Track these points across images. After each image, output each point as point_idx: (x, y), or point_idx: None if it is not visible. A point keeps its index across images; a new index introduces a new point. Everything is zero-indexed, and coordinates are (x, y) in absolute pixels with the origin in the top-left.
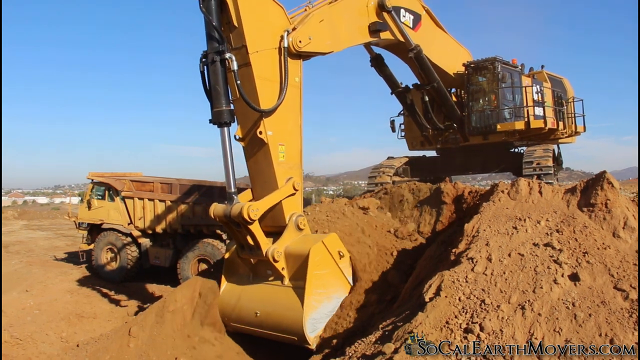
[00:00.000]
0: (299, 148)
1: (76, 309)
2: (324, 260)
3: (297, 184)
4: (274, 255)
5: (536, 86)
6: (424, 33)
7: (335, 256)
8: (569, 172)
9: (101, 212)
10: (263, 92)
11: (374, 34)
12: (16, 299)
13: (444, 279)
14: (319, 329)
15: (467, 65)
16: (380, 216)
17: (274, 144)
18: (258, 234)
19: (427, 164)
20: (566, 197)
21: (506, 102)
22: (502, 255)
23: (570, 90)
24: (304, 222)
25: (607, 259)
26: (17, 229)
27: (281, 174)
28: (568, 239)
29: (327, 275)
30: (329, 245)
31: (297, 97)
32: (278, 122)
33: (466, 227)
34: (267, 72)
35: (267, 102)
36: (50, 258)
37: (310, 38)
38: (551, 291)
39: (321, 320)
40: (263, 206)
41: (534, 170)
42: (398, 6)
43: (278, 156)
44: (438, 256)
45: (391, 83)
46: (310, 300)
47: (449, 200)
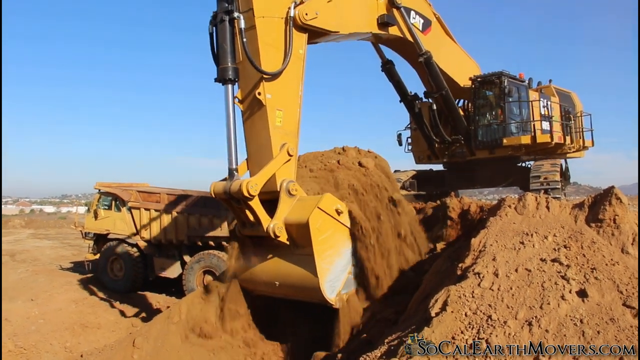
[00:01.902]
0: (297, 117)
1: (81, 319)
2: (325, 224)
3: (292, 149)
4: (275, 231)
5: (543, 100)
6: (434, 38)
7: (334, 215)
8: (577, 186)
9: (107, 222)
10: (265, 57)
11: (382, 26)
12: (21, 308)
13: (450, 294)
14: (337, 287)
15: (474, 79)
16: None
17: (271, 107)
18: (258, 209)
19: (434, 177)
20: (574, 213)
21: (512, 117)
22: (509, 270)
23: (578, 104)
24: (295, 187)
25: (616, 275)
26: (24, 237)
27: (277, 138)
28: (576, 255)
29: (331, 235)
30: (325, 208)
31: (300, 68)
32: (278, 88)
33: (473, 242)
34: (271, 38)
35: (269, 67)
36: (56, 267)
37: (317, 13)
38: (559, 307)
39: (338, 278)
40: (261, 180)
41: (541, 185)
42: (409, 7)
43: (275, 120)
44: (444, 271)
45: (400, 90)
46: (322, 266)
47: (454, 215)
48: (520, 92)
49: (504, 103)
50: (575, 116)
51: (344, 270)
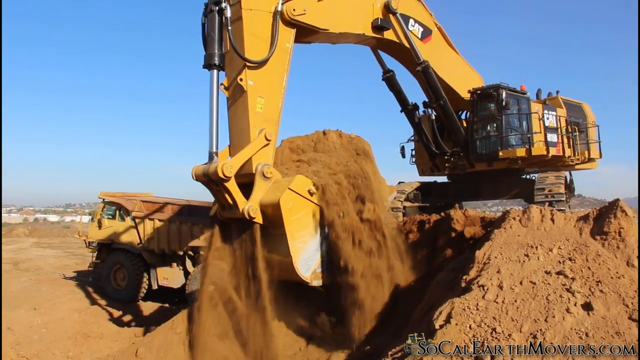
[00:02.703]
0: (278, 105)
1: (83, 329)
2: (297, 204)
3: (270, 135)
4: (250, 212)
5: (548, 112)
6: (433, 48)
7: (306, 196)
8: (581, 199)
9: (111, 231)
10: (249, 47)
11: (377, 30)
12: (24, 317)
13: (455, 306)
14: (312, 265)
15: (473, 92)
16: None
17: (252, 93)
18: (234, 191)
19: (438, 189)
20: (579, 225)
21: (510, 129)
22: (514, 283)
23: (590, 115)
24: (269, 170)
25: (621, 288)
26: (28, 246)
27: (255, 123)
28: (581, 268)
29: (304, 216)
30: (297, 189)
31: (285, 61)
32: (261, 76)
33: (477, 254)
34: (257, 30)
35: (253, 56)
36: (59, 276)
37: (305, 10)
38: (564, 320)
39: (313, 257)
40: (237, 162)
41: (545, 197)
42: (407, 15)
43: (255, 106)
44: (448, 283)
45: (401, 100)
46: (295, 245)
47: (459, 227)
48: (521, 105)
49: (501, 115)
50: (585, 127)
51: (318, 250)
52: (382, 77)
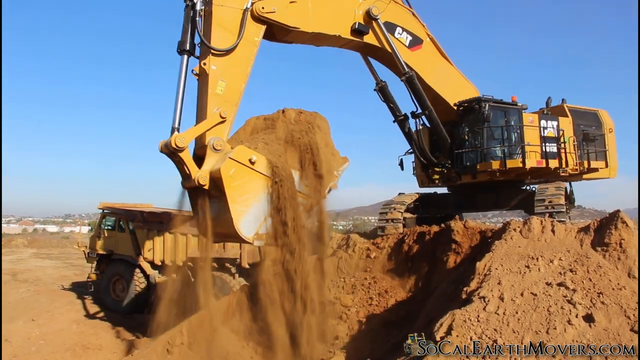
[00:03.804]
0: (239, 90)
1: (82, 340)
2: (239, 172)
3: (224, 113)
4: (199, 180)
5: (546, 122)
6: (423, 57)
7: (247, 164)
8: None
9: (111, 242)
10: (216, 37)
11: (355, 33)
12: (22, 329)
13: (455, 318)
14: (255, 227)
15: (458, 105)
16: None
17: (214, 77)
18: (188, 161)
19: (438, 200)
20: (579, 236)
21: (493, 141)
22: (515, 294)
23: (607, 122)
24: (219, 143)
25: (623, 300)
26: (26, 257)
27: (213, 103)
28: (582, 279)
29: (246, 182)
30: (237, 158)
31: (251, 52)
32: (225, 63)
33: (478, 266)
34: (226, 23)
35: (219, 46)
36: (58, 287)
37: (274, 9)
38: (565, 332)
39: (256, 220)
40: (189, 135)
41: (546, 209)
42: (394, 23)
43: (216, 88)
44: (449, 294)
45: (393, 111)
46: (236, 208)
47: (459, 238)
48: (510, 116)
49: (481, 128)
50: (598, 135)
51: (263, 213)
52: (375, 87)
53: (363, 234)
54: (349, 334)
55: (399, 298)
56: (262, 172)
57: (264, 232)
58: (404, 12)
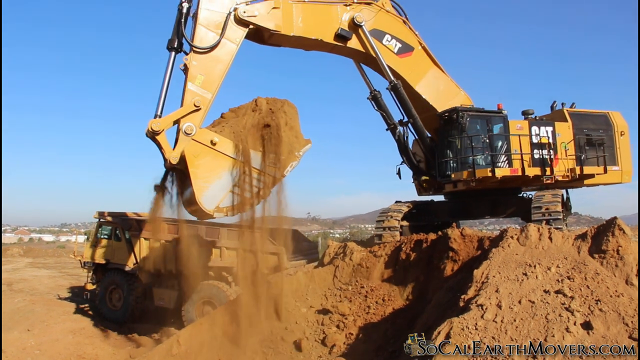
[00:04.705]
0: (216, 83)
1: (78, 350)
2: (202, 152)
3: (198, 102)
4: (171, 160)
5: (539, 128)
6: (412, 64)
7: (209, 145)
8: (577, 216)
9: (107, 251)
10: (198, 37)
11: (338, 38)
12: (17, 339)
13: (453, 326)
14: (216, 201)
15: (439, 116)
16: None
17: (194, 71)
18: (163, 143)
19: (435, 208)
20: (577, 243)
21: (468, 151)
22: (513, 302)
23: (619, 124)
24: (190, 128)
25: (621, 307)
26: (22, 266)
27: (190, 94)
28: (580, 286)
29: (208, 161)
30: (199, 139)
31: (230, 52)
32: (206, 61)
33: (475, 273)
34: (210, 24)
35: (200, 44)
36: (54, 297)
37: (256, 13)
38: (563, 340)
39: (217, 195)
40: (164, 121)
41: (542, 216)
42: (383, 30)
43: (195, 80)
44: (446, 302)
45: (386, 119)
46: (198, 184)
47: (456, 246)
48: (493, 124)
49: (454, 138)
50: (607, 139)
51: (224, 189)
52: (368, 96)
53: (360, 242)
54: (346, 343)
55: (396, 306)
56: (223, 152)
57: (224, 206)
58: (394, 20)
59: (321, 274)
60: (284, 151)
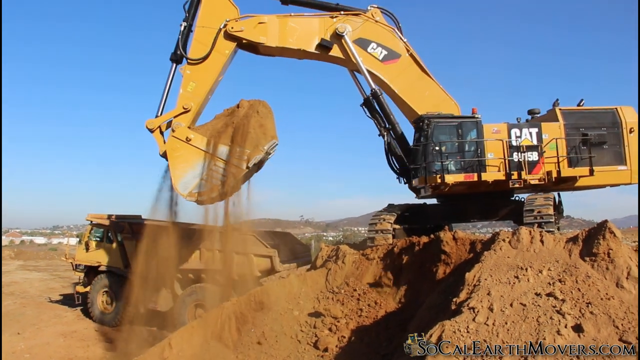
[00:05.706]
0: (205, 90)
1: (69, 353)
2: (179, 147)
3: (187, 105)
4: (161, 152)
5: (522, 130)
6: (398, 70)
7: (184, 140)
8: (569, 220)
9: (99, 254)
10: (193, 50)
11: (320, 48)
12: (7, 342)
13: (445, 329)
14: (189, 188)
15: (412, 123)
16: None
17: (187, 78)
18: (157, 139)
19: (427, 211)
20: (568, 247)
21: (436, 157)
22: (504, 305)
23: (628, 120)
24: (176, 127)
25: (611, 309)
26: (13, 269)
27: (183, 98)
28: (571, 289)
29: (184, 154)
30: (178, 136)
31: (219, 63)
32: (197, 69)
33: (467, 276)
34: (204, 39)
35: (194, 56)
36: (45, 300)
37: (242, 28)
38: (554, 342)
39: (190, 182)
40: (158, 120)
41: (534, 219)
42: (367, 39)
43: (187, 86)
44: (438, 305)
45: (377, 126)
46: (175, 173)
47: (448, 249)
48: (462, 130)
49: (419, 145)
50: (614, 136)
51: (196, 177)
52: (361, 103)
53: (353, 245)
54: (338, 346)
55: (389, 309)
56: (197, 146)
57: (196, 192)
58: (381, 29)
59: (314, 277)
60: (250, 145)
